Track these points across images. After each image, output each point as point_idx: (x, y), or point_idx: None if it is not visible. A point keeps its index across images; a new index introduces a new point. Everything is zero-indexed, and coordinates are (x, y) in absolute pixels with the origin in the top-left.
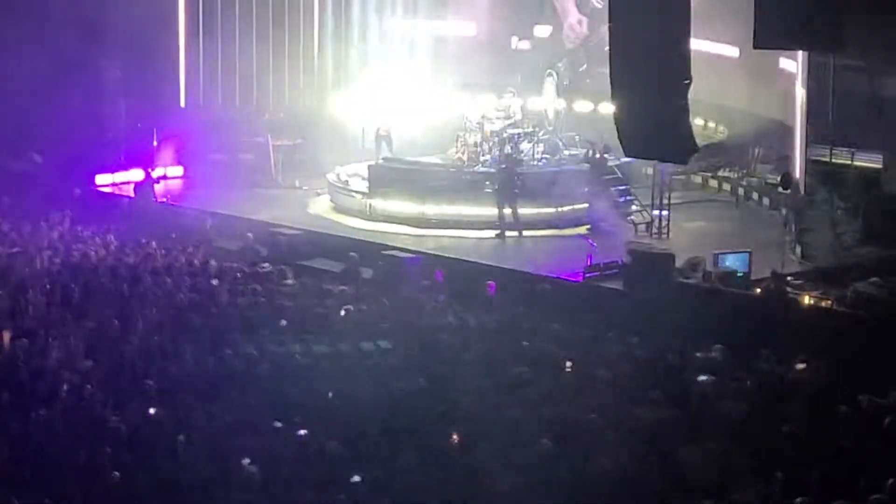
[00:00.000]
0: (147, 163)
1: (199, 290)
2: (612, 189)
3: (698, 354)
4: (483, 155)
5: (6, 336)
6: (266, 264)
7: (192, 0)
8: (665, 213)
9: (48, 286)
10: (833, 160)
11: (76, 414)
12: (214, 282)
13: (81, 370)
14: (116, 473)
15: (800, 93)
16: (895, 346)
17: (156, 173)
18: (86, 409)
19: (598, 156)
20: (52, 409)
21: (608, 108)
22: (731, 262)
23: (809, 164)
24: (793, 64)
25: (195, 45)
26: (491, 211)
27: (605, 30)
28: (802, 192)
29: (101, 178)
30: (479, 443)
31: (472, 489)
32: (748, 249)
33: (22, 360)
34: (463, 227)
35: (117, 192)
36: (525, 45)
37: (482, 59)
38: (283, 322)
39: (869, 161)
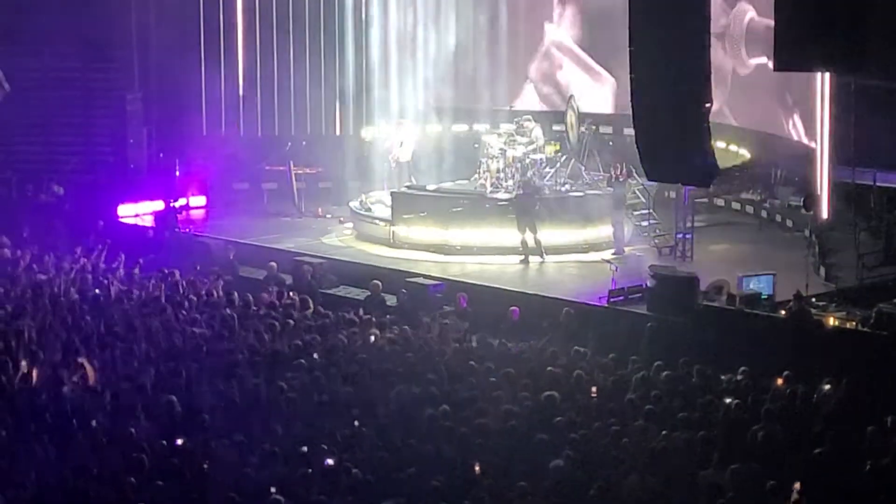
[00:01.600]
0: (170, 193)
1: (223, 319)
2: (635, 213)
3: (724, 377)
4: (506, 181)
5: (28, 366)
6: (290, 293)
7: (213, 30)
8: (688, 236)
9: (70, 317)
10: (855, 181)
11: (103, 443)
12: (238, 311)
13: (106, 399)
14: None
15: (822, 114)
16: None
17: (178, 203)
18: (113, 438)
19: (620, 180)
20: (79, 438)
21: (630, 132)
22: (756, 284)
23: (832, 185)
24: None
25: (216, 75)
26: (514, 237)
27: None
28: (825, 213)
29: (123, 209)
30: (506, 467)
31: None
32: (772, 271)
33: (45, 389)
34: (486, 254)
35: (140, 222)
36: None
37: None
38: (309, 350)
39: (891, 181)
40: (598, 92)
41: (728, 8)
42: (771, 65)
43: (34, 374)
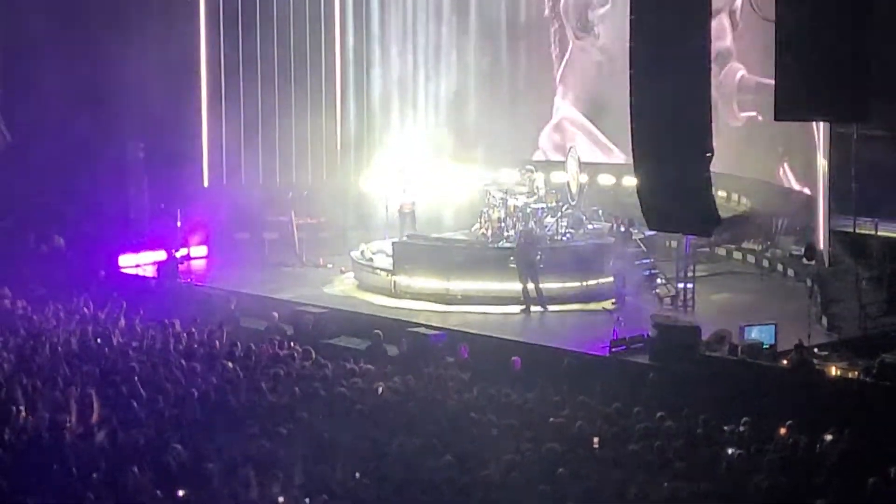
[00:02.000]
0: (171, 243)
1: (224, 370)
2: (637, 262)
3: (726, 427)
4: (507, 230)
5: (28, 416)
6: (292, 343)
7: (214, 79)
8: (690, 285)
9: (71, 367)
10: (857, 230)
11: (104, 494)
12: (239, 361)
13: (106, 449)
14: None
15: (822, 163)
16: None
17: (180, 253)
18: (114, 489)
19: (621, 229)
20: (79, 489)
21: (631, 182)
22: (757, 334)
23: (833, 234)
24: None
25: (218, 125)
26: (516, 286)
27: None
28: (827, 262)
29: (124, 259)
30: None
31: None
32: (774, 321)
33: (46, 439)
34: (488, 303)
35: (141, 272)
36: None
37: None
38: (311, 401)
39: (893, 230)
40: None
41: (719, 69)
42: (761, 118)
43: (35, 424)
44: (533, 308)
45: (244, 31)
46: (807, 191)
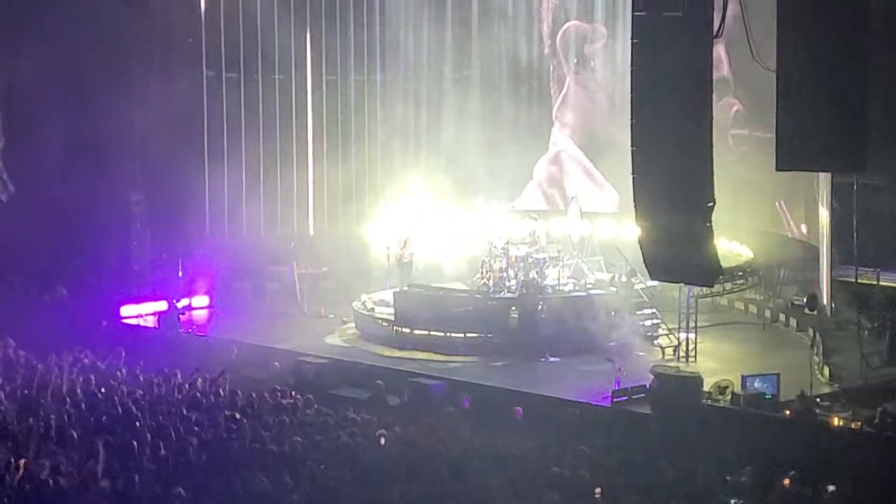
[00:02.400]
0: (173, 293)
1: (226, 420)
2: (639, 313)
3: (728, 478)
4: (509, 280)
5: (26, 463)
6: (293, 393)
7: (216, 129)
8: (692, 335)
9: (70, 417)
10: (858, 280)
11: None
12: (241, 411)
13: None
14: None
15: (823, 213)
16: None
17: (182, 303)
18: None
19: (623, 280)
20: None
21: (633, 232)
22: (760, 384)
23: (835, 284)
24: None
25: (219, 175)
26: (517, 336)
27: None
28: (829, 313)
29: (126, 310)
30: None
31: None
32: (776, 371)
33: (48, 486)
34: (489, 353)
35: (143, 322)
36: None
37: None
38: (312, 450)
39: (894, 280)
40: (602, 200)
41: (715, 100)
42: (755, 153)
43: (37, 472)
44: (535, 358)
45: (245, 81)
46: (804, 228)
